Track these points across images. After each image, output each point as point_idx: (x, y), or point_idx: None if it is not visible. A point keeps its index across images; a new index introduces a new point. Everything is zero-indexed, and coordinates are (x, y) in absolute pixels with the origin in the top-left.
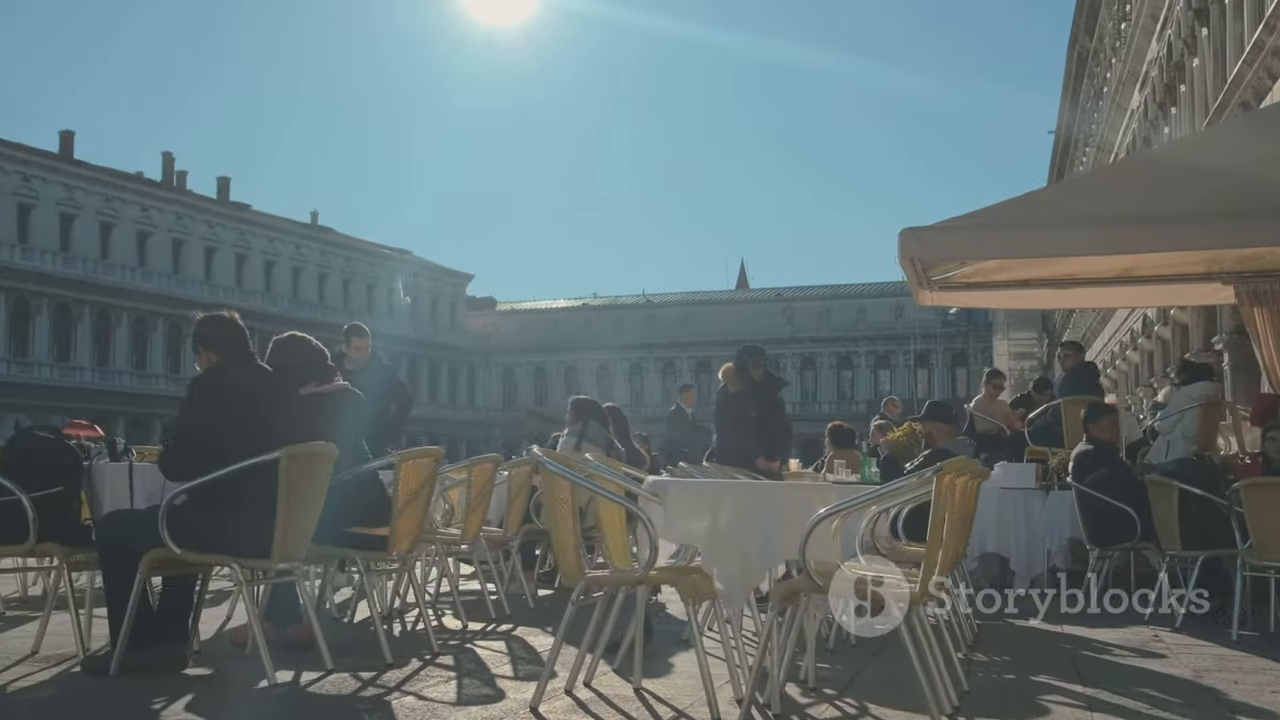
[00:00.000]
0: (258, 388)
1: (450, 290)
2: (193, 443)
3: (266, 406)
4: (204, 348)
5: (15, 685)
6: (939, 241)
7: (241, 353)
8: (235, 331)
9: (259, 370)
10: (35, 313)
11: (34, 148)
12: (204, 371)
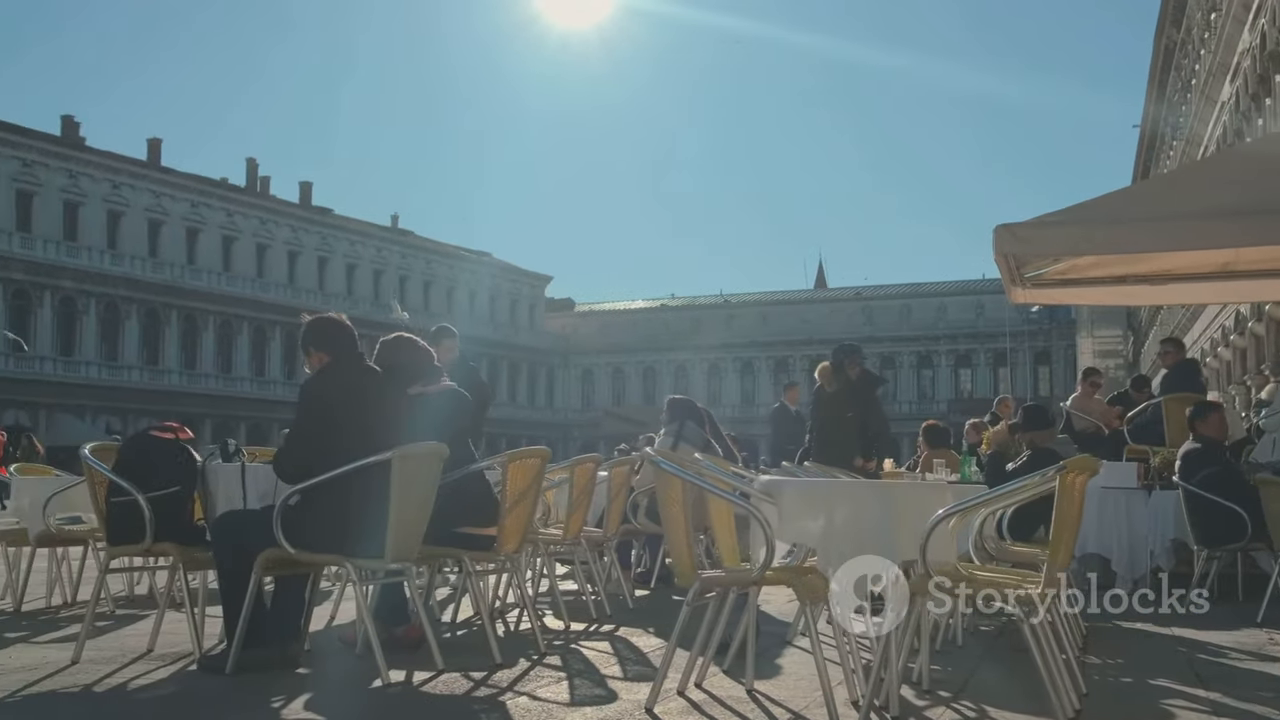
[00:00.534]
0: (367, 389)
1: (529, 292)
2: (305, 444)
3: (376, 407)
4: (314, 349)
5: (136, 683)
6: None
7: (351, 354)
8: (344, 333)
9: (368, 371)
10: (125, 318)
11: (123, 155)
12: (314, 373)
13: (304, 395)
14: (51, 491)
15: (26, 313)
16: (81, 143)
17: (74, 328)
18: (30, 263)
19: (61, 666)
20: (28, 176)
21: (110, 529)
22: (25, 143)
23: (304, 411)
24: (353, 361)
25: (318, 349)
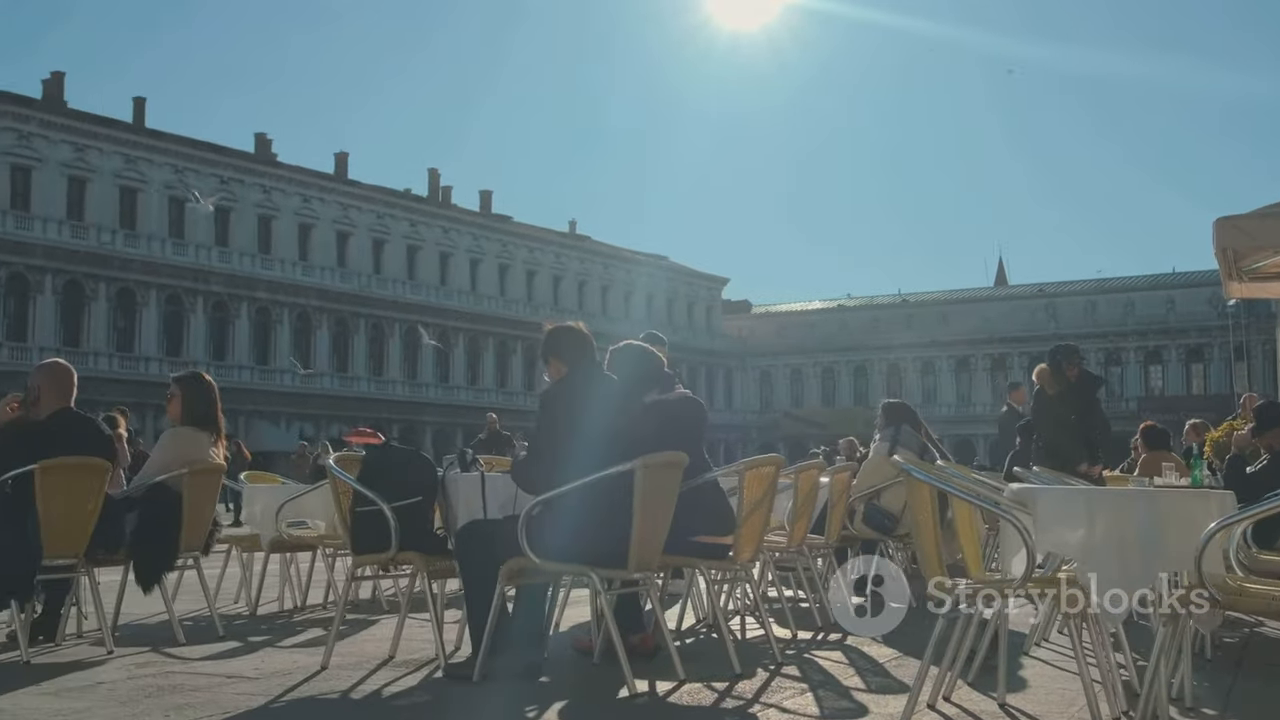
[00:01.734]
0: (607, 398)
1: (706, 294)
2: (546, 454)
3: (617, 416)
4: (553, 358)
5: (388, 690)
6: (1257, 229)
7: (589, 363)
8: (583, 342)
9: (607, 380)
10: (316, 327)
11: (312, 170)
12: (554, 383)
13: (544, 405)
14: (283, 499)
15: (225, 324)
16: (274, 159)
17: (268, 337)
18: (229, 275)
19: (313, 672)
20: (226, 193)
21: (355, 538)
22: (223, 160)
23: (545, 422)
24: (592, 370)
25: (556, 358)
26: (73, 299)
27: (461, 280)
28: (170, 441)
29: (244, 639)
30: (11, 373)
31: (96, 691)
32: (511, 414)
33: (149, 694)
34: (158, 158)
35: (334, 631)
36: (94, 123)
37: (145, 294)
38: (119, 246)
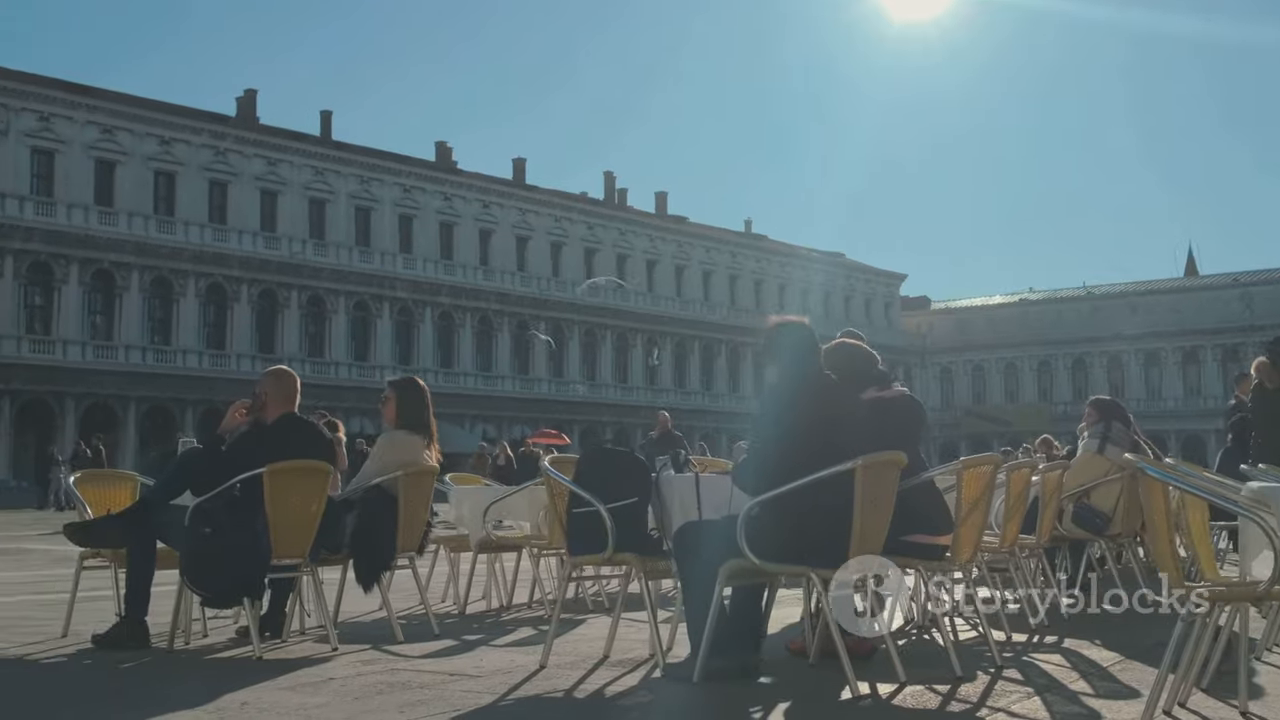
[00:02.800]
0: (829, 398)
1: (884, 291)
2: (768, 454)
3: (837, 415)
4: (775, 357)
5: (610, 689)
6: None
7: (810, 362)
8: (804, 339)
9: (827, 379)
10: (497, 330)
11: (492, 176)
12: (775, 382)
13: (767, 404)
14: (490, 500)
15: (410, 328)
16: (454, 166)
17: (451, 341)
18: (413, 281)
19: (532, 671)
20: (408, 201)
21: (572, 539)
22: (405, 169)
23: (767, 421)
24: (811, 369)
25: (779, 356)
26: (267, 307)
27: (638, 282)
28: (386, 444)
29: (458, 638)
30: (211, 379)
31: (329, 687)
32: (689, 413)
33: (379, 690)
34: (344, 169)
35: (552, 631)
36: (284, 137)
37: (334, 301)
38: (309, 256)
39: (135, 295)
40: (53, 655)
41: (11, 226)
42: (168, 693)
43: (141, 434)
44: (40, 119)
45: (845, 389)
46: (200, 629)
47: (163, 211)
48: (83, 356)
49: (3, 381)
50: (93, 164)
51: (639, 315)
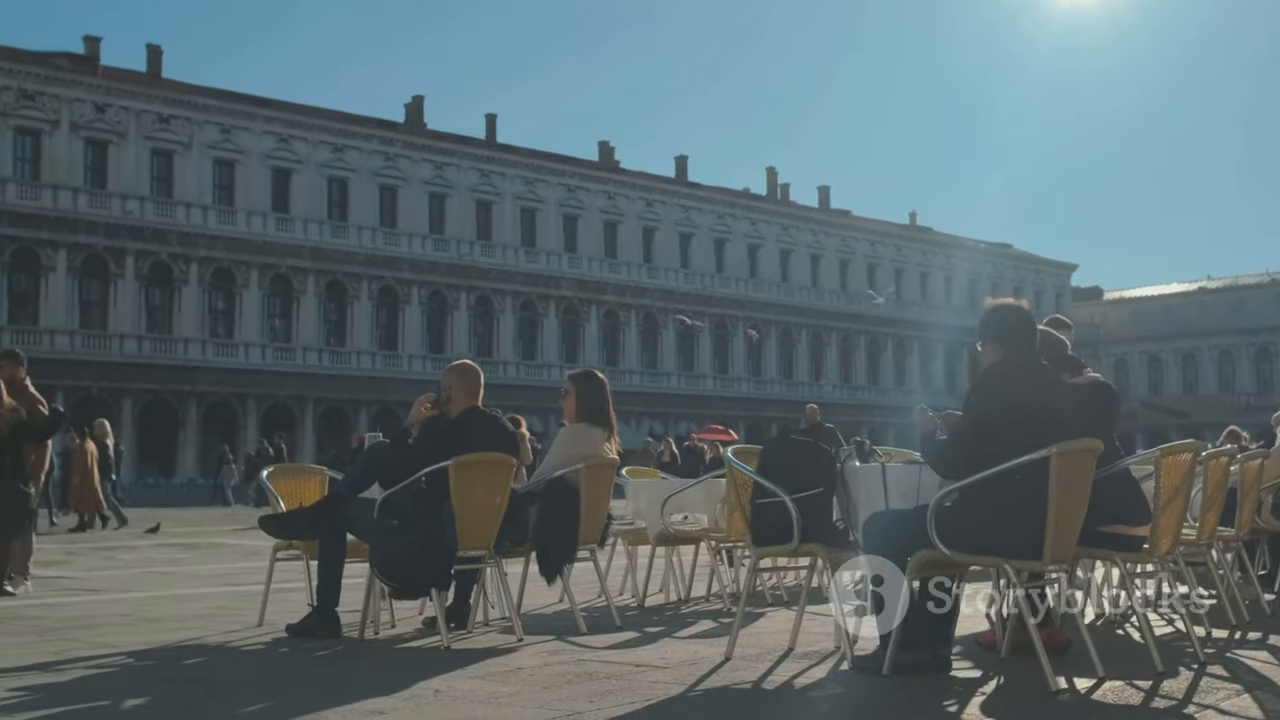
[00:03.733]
0: (1038, 384)
1: (1054, 282)
2: (970, 439)
3: (1040, 401)
4: (990, 340)
5: (799, 681)
6: None
7: (1026, 346)
8: (1021, 323)
9: (1039, 365)
10: (662, 327)
11: (654, 174)
12: (987, 367)
13: (977, 389)
14: (668, 493)
15: (576, 327)
16: (617, 166)
17: (617, 339)
18: (578, 280)
19: (718, 663)
20: (573, 201)
21: (756, 530)
22: (569, 170)
23: (975, 406)
24: (1026, 354)
25: (992, 340)
26: (436, 308)
27: (802, 276)
28: (567, 438)
29: (640, 630)
30: (385, 379)
31: (518, 677)
32: (853, 409)
33: (568, 681)
34: (509, 170)
35: (737, 623)
36: (451, 141)
37: (501, 301)
38: (476, 257)
39: (311, 299)
40: (250, 643)
41: (196, 235)
42: (362, 680)
43: (319, 434)
44: (221, 131)
45: (1052, 374)
46: (388, 620)
47: (336, 217)
48: (263, 359)
49: (189, 384)
50: (270, 173)
51: (803, 310)
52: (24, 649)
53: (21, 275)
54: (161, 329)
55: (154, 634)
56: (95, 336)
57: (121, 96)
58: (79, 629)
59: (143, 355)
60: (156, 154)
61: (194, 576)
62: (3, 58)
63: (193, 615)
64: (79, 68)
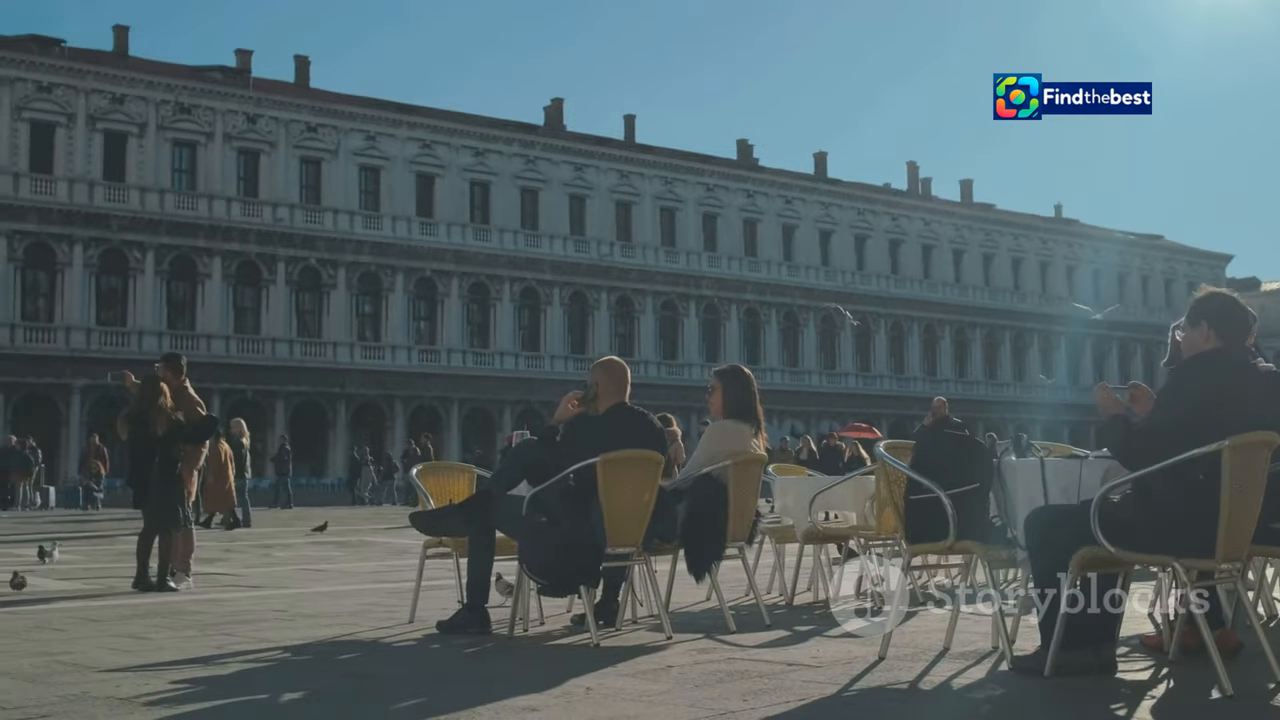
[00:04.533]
0: (1237, 377)
1: (1208, 273)
2: (1166, 429)
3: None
4: (1202, 325)
5: (957, 682)
6: None
7: (1243, 335)
8: (1238, 311)
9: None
10: (802, 325)
11: (794, 171)
12: (1191, 358)
13: (1176, 376)
14: (815, 490)
15: (716, 325)
16: (756, 164)
17: (757, 338)
18: (718, 279)
19: (871, 662)
20: (712, 200)
21: (910, 527)
22: (707, 169)
23: (1171, 393)
24: (1238, 344)
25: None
26: (577, 309)
27: (945, 272)
28: (714, 434)
29: (789, 628)
30: (528, 380)
31: (669, 675)
32: (999, 406)
33: (719, 679)
34: (648, 171)
35: (893, 622)
36: (590, 143)
37: (642, 301)
38: (616, 258)
39: (455, 301)
40: (402, 639)
41: (343, 240)
42: (513, 676)
43: (464, 434)
44: (366, 138)
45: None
46: (537, 617)
47: (478, 220)
48: (409, 361)
49: (338, 386)
50: (414, 178)
51: (947, 306)
52: (187, 643)
53: (180, 282)
54: (311, 332)
55: (310, 629)
56: (249, 340)
57: (271, 107)
58: (239, 624)
59: (294, 359)
60: (305, 162)
61: (346, 573)
62: (161, 73)
63: (346, 611)
64: (231, 81)
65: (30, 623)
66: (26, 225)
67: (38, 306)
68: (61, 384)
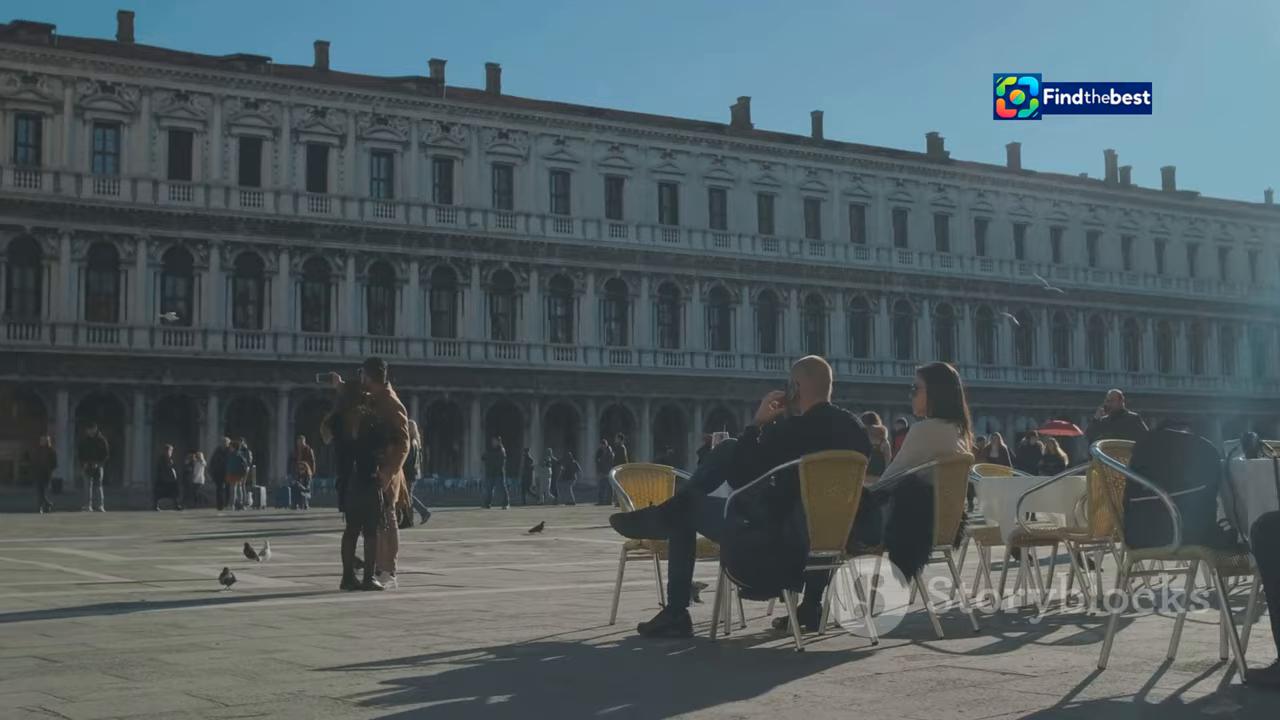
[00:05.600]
0: None
1: None
2: None
3: None
4: None
5: (1185, 695)
6: None
7: None
8: None
9: None
10: (996, 321)
11: (985, 164)
12: None
13: None
14: (1023, 492)
15: (907, 322)
16: (946, 157)
17: (950, 333)
18: (909, 275)
19: (1091, 672)
20: (901, 195)
21: (1131, 531)
22: (896, 164)
23: None
24: None
25: None
26: (767, 308)
27: (1146, 263)
28: (919, 434)
29: (999, 634)
30: (718, 379)
31: (878, 682)
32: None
33: (930, 688)
34: (837, 167)
35: (1111, 629)
36: (778, 140)
37: (831, 299)
38: (805, 255)
39: (644, 302)
40: (604, 641)
41: (535, 244)
42: (718, 682)
43: (655, 434)
44: (556, 142)
45: None
46: (738, 620)
47: (667, 220)
48: (600, 362)
49: (532, 387)
50: (603, 180)
51: (1148, 299)
52: (394, 642)
53: (379, 288)
54: (505, 335)
55: (512, 630)
56: (445, 344)
57: (464, 115)
58: (443, 624)
59: (489, 361)
60: (497, 168)
61: (545, 573)
62: (359, 86)
63: (548, 612)
64: (426, 90)
65: (246, 620)
66: (237, 236)
67: (247, 314)
68: (270, 388)
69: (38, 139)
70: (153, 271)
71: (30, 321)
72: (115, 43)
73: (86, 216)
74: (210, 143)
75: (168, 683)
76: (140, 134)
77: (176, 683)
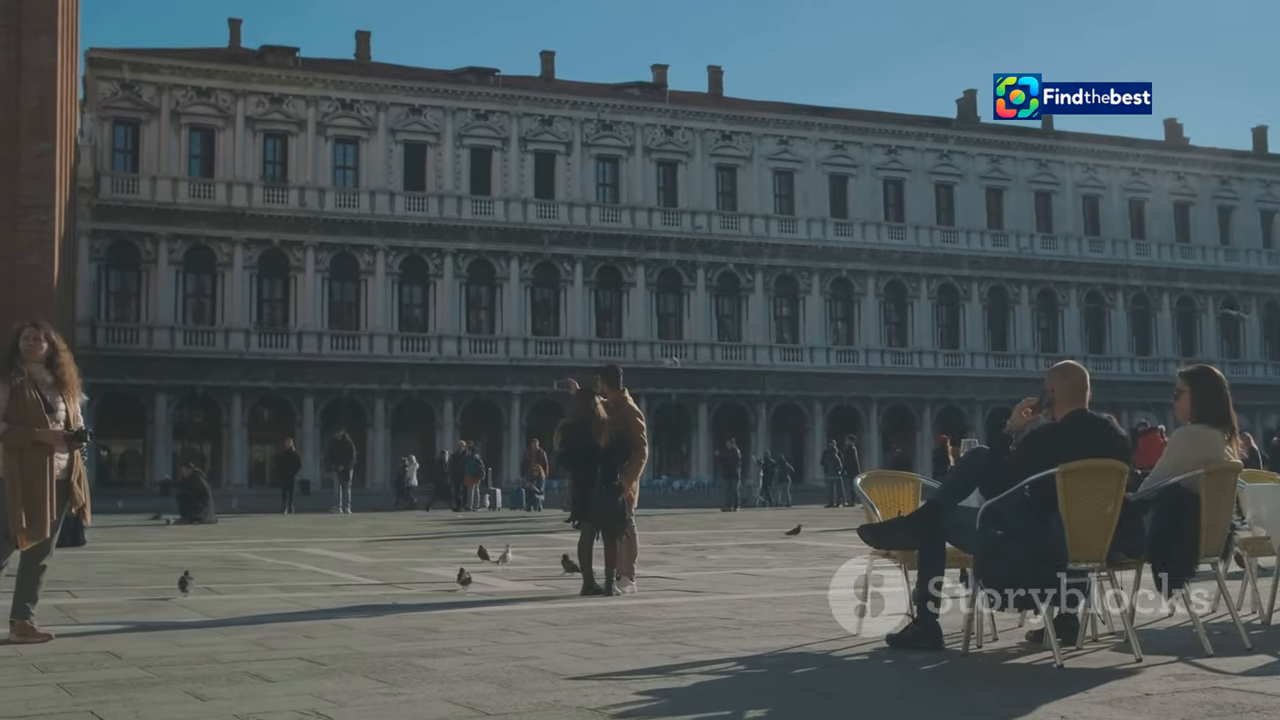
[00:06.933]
0: None
1: None
2: None
3: None
4: None
5: None
6: None
7: None
8: None
9: None
10: (1244, 314)
11: (1229, 149)
12: None
13: None
14: None
15: (1145, 317)
16: (1186, 144)
17: (1192, 328)
18: (1145, 268)
19: None
20: (1137, 185)
21: None
22: (1132, 152)
23: None
24: None
25: None
26: (997, 304)
27: None
28: (1182, 440)
29: (1273, 652)
30: (947, 378)
31: (1148, 704)
32: None
33: (1207, 713)
34: (1068, 158)
35: None
36: (1007, 134)
37: (1065, 294)
38: (1036, 250)
39: (871, 301)
40: (853, 653)
41: (759, 244)
42: (977, 699)
43: (883, 434)
44: (779, 143)
45: None
46: (990, 631)
47: (892, 218)
48: (827, 362)
49: (759, 388)
50: (827, 179)
51: None
52: (641, 650)
53: (607, 291)
54: (731, 336)
55: (757, 639)
56: (672, 346)
57: (687, 118)
58: (688, 631)
59: (715, 362)
60: (721, 169)
61: (782, 579)
62: (584, 93)
63: (790, 620)
64: (649, 95)
65: (494, 624)
66: (469, 244)
67: (479, 319)
68: (503, 391)
69: (284, 156)
70: (390, 280)
71: (279, 330)
72: (354, 62)
73: (329, 229)
74: (443, 154)
75: (428, 689)
76: (377, 148)
77: (436, 689)
